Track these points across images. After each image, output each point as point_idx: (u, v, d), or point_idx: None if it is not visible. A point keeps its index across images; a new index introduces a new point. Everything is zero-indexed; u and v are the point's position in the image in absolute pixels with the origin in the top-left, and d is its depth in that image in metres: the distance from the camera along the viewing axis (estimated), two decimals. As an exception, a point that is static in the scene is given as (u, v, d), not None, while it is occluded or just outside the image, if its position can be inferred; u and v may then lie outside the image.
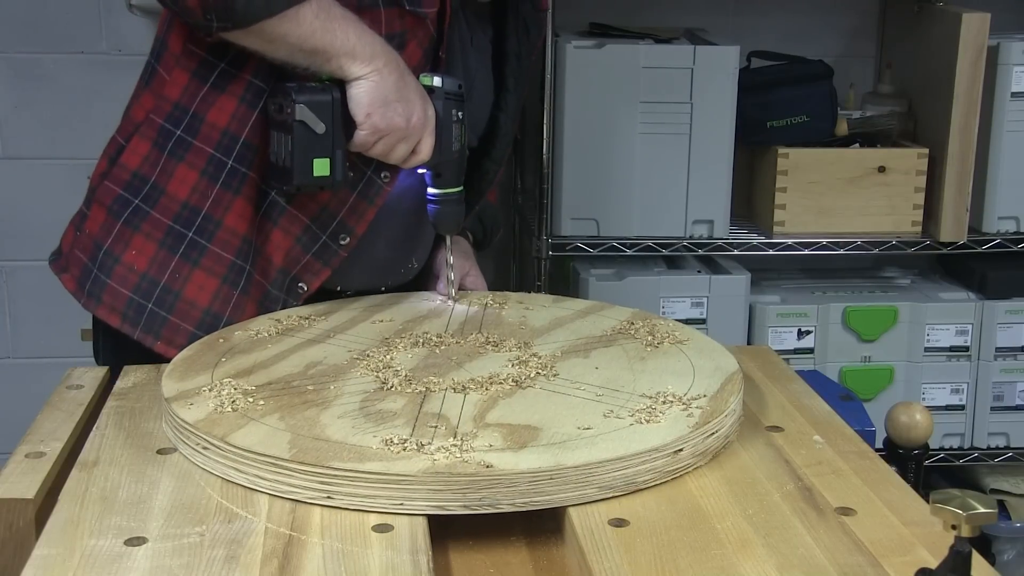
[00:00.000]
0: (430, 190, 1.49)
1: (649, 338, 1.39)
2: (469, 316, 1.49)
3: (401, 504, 1.04)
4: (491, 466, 1.04)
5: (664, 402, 1.20)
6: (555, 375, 1.27)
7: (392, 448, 1.08)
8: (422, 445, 1.08)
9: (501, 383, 1.24)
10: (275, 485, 1.07)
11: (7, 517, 1.09)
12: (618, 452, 1.08)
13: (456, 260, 1.58)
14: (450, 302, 1.54)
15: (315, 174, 1.38)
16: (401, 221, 1.55)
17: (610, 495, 1.07)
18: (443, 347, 1.37)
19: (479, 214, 1.71)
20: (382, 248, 1.55)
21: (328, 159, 1.38)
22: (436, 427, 1.13)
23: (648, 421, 1.15)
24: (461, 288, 1.61)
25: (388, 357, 1.33)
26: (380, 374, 1.27)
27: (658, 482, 1.10)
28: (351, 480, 1.05)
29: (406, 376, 1.26)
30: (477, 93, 1.55)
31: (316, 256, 1.48)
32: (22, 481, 1.12)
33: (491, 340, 1.38)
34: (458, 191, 1.50)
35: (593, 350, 1.36)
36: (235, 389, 1.22)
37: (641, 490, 1.09)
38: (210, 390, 1.22)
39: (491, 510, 1.04)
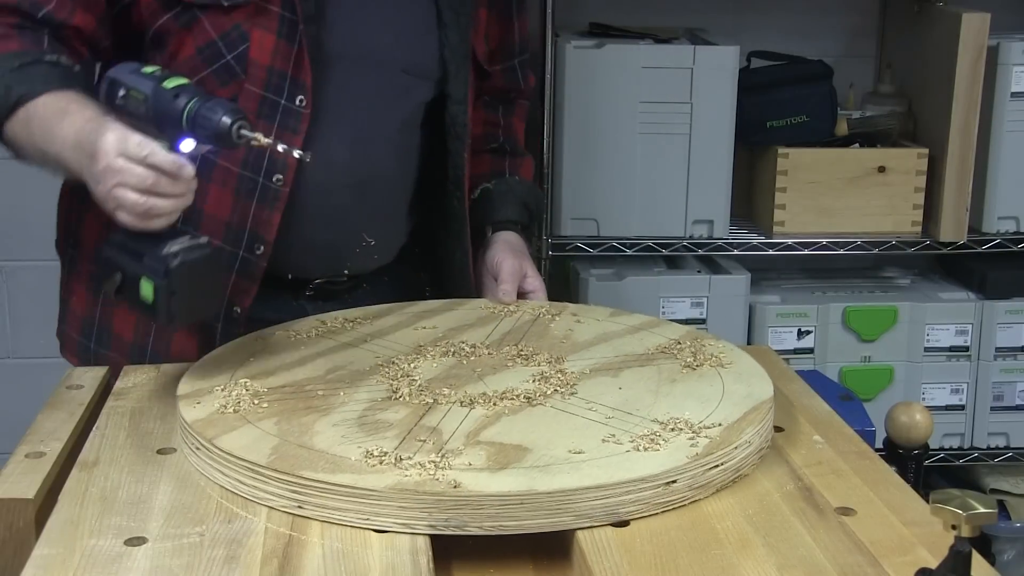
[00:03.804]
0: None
1: (690, 359, 1.32)
2: (515, 327, 1.44)
3: (368, 520, 1.02)
4: (459, 486, 1.01)
5: (673, 429, 1.13)
6: (572, 394, 1.23)
7: (370, 461, 1.06)
8: (400, 459, 1.06)
9: (512, 399, 1.20)
10: (252, 491, 1.06)
11: (7, 517, 1.09)
12: (598, 480, 1.03)
13: (506, 262, 1.55)
14: (505, 310, 1.50)
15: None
16: (327, 203, 1.50)
17: (588, 524, 1.02)
18: (473, 358, 1.33)
19: (523, 198, 1.68)
20: (319, 232, 1.50)
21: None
22: (424, 441, 1.10)
23: (646, 448, 1.09)
24: (521, 294, 1.57)
25: (411, 366, 1.30)
26: (395, 383, 1.25)
27: (646, 514, 1.04)
28: (320, 491, 1.03)
29: (420, 386, 1.24)
30: (410, 33, 1.51)
31: (240, 274, 1.45)
32: (22, 481, 1.12)
33: (523, 353, 1.34)
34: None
35: (626, 369, 1.30)
36: (246, 390, 1.22)
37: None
38: (222, 390, 1.22)
39: (457, 531, 1.01)
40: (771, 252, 2.39)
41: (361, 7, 1.48)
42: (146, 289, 1.20)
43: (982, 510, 0.86)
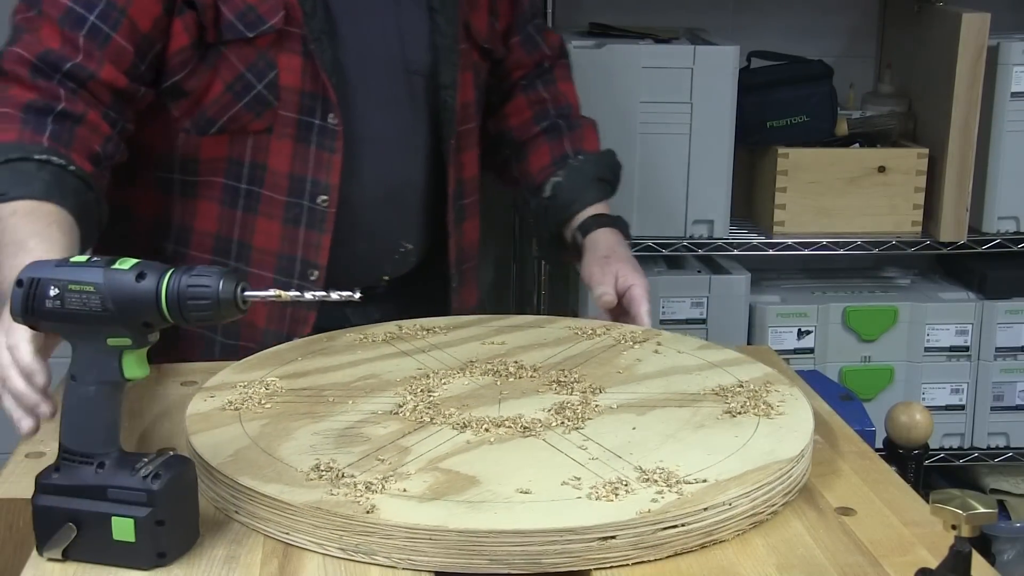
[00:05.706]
0: None
1: (737, 406, 1.19)
2: (584, 351, 1.37)
3: (287, 534, 1.00)
4: (372, 511, 0.96)
5: (647, 480, 1.02)
6: (577, 428, 1.14)
7: (311, 475, 1.03)
8: (341, 476, 1.02)
9: (509, 427, 1.14)
10: (205, 490, 1.05)
11: (7, 517, 1.09)
12: (517, 525, 0.94)
13: (595, 274, 1.51)
14: (589, 331, 1.43)
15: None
16: (367, 216, 1.51)
17: (506, 571, 0.95)
18: (512, 380, 1.27)
19: (596, 174, 1.63)
20: (362, 245, 1.51)
21: None
22: (382, 460, 1.06)
23: (599, 498, 0.99)
24: (622, 293, 1.50)
25: (440, 382, 1.25)
26: (408, 397, 1.20)
27: (574, 568, 0.95)
28: (249, 499, 1.02)
29: (429, 404, 1.19)
30: (408, 28, 1.50)
31: (296, 305, 1.45)
32: (22, 481, 1.12)
33: (562, 380, 1.26)
34: None
35: (659, 408, 1.19)
36: (266, 389, 1.21)
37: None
38: (246, 386, 1.22)
39: (366, 560, 0.97)
40: (771, 252, 2.39)
41: (366, 13, 1.47)
42: (122, 528, 0.96)
43: (982, 510, 0.86)
